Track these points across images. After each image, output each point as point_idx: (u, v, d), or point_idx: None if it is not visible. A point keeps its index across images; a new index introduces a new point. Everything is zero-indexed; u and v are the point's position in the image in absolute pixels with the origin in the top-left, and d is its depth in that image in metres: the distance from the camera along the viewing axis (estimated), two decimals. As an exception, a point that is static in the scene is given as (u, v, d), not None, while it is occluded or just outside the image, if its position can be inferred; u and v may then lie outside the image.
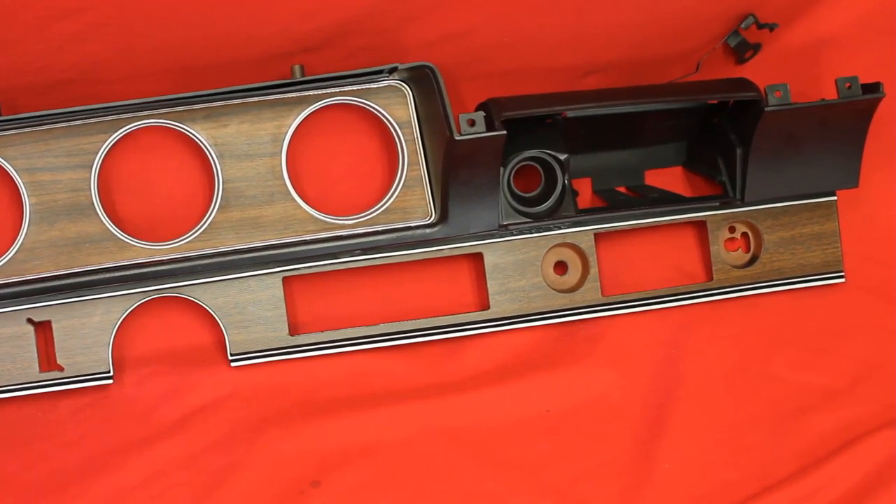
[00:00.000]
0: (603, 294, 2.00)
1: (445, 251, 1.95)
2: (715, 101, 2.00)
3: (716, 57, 2.07)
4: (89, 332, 1.88)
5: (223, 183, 1.90)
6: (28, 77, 1.86)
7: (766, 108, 1.91)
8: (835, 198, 2.04)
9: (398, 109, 1.92)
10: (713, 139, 2.03)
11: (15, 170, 1.86)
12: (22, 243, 1.87)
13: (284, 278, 1.92)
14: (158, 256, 1.89)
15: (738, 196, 2.01)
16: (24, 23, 1.80)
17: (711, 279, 2.04)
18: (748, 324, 2.03)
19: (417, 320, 1.96)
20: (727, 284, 2.04)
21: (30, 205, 1.87)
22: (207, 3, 1.83)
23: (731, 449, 1.90)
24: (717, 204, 2.02)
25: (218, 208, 1.90)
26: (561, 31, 1.98)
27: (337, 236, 1.92)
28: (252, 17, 1.86)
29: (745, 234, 2.05)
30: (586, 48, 2.01)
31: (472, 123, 1.82)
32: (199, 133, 1.89)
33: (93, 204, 1.88)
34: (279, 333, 1.92)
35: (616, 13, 1.96)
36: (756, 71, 2.06)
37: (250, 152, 1.90)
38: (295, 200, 1.91)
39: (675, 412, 1.92)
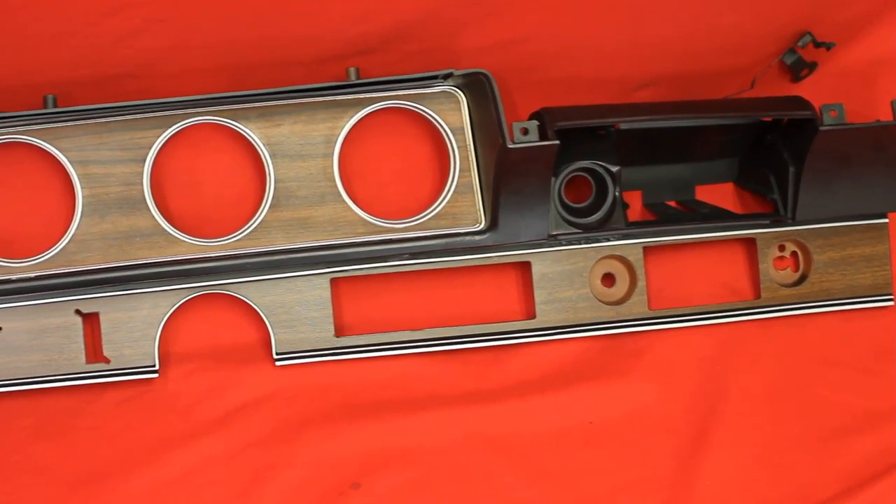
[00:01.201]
0: (650, 307, 1.99)
1: (494, 258, 1.94)
2: (769, 119, 1.99)
3: (771, 74, 2.07)
4: (136, 325, 1.89)
5: (275, 182, 1.90)
6: (83, 70, 1.88)
7: (821, 128, 1.89)
8: (886, 220, 2.03)
9: (451, 115, 1.92)
10: (766, 157, 2.02)
11: (69, 162, 1.87)
12: (73, 235, 1.88)
13: (332, 279, 1.92)
14: (208, 253, 1.89)
15: (789, 215, 2.00)
16: (81, 16, 1.82)
17: (759, 297, 2.03)
18: (794, 343, 2.02)
19: (463, 326, 1.96)
20: (775, 303, 2.02)
21: (82, 197, 1.88)
22: (263, 3, 1.84)
23: (773, 468, 1.89)
24: (768, 222, 2.01)
25: (269, 207, 1.90)
26: (616, 42, 1.98)
27: (386, 240, 1.92)
28: (308, 17, 1.87)
29: (794, 254, 2.04)
30: (641, 60, 2.01)
31: (526, 132, 1.82)
32: (253, 132, 1.90)
33: (144, 198, 1.88)
34: (325, 334, 1.92)
35: (672, 25, 1.96)
36: (811, 89, 2.05)
37: (303, 153, 1.91)
38: (345, 202, 1.91)
39: (718, 429, 1.91)
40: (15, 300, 1.86)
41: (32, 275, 1.87)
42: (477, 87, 1.88)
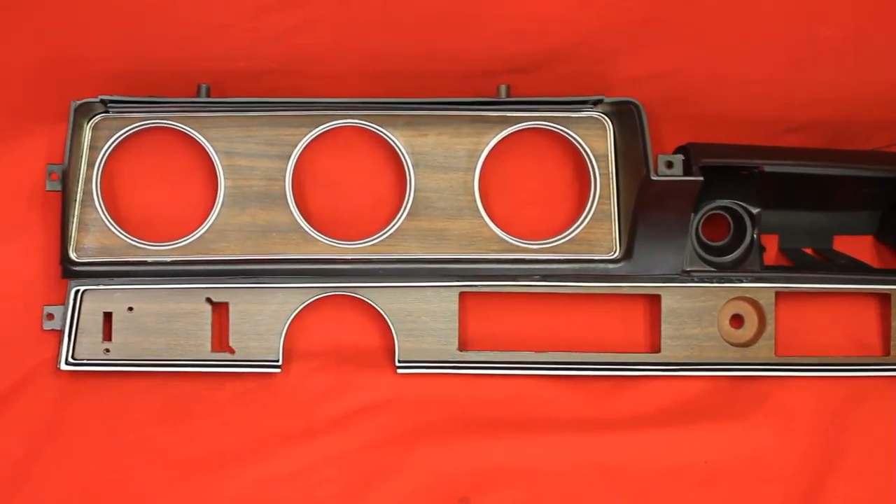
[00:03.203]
0: (776, 353, 1.96)
1: (624, 289, 1.94)
2: (916, 175, 1.97)
3: (922, 130, 2.04)
4: (264, 319, 1.91)
5: (415, 191, 1.91)
6: (238, 63, 1.91)
7: (968, 189, 1.87)
8: None
9: (596, 141, 1.92)
10: (909, 213, 2.00)
11: (215, 151, 1.90)
12: (212, 224, 1.90)
13: (461, 293, 1.93)
14: (342, 255, 1.91)
15: (928, 273, 1.98)
16: (242, 10, 1.85)
17: (888, 354, 2.00)
18: (919, 404, 1.99)
19: (586, 353, 1.95)
20: (904, 362, 2.00)
21: (225, 187, 1.90)
22: (422, 14, 1.86)
23: (885, 529, 1.86)
24: (905, 279, 1.99)
25: (406, 215, 1.91)
26: (769, 83, 1.96)
27: (519, 259, 1.92)
28: (463, 32, 1.88)
29: (928, 313, 2.01)
30: (792, 104, 1.99)
31: (670, 165, 1.82)
32: (398, 139, 1.91)
33: (285, 194, 1.90)
34: (449, 347, 1.92)
35: (827, 71, 1.94)
36: (961, 149, 2.02)
37: (445, 164, 1.92)
38: (482, 218, 1.92)
39: (833, 483, 1.89)
40: (149, 282, 1.90)
41: (168, 259, 1.90)
42: (625, 116, 1.88)
